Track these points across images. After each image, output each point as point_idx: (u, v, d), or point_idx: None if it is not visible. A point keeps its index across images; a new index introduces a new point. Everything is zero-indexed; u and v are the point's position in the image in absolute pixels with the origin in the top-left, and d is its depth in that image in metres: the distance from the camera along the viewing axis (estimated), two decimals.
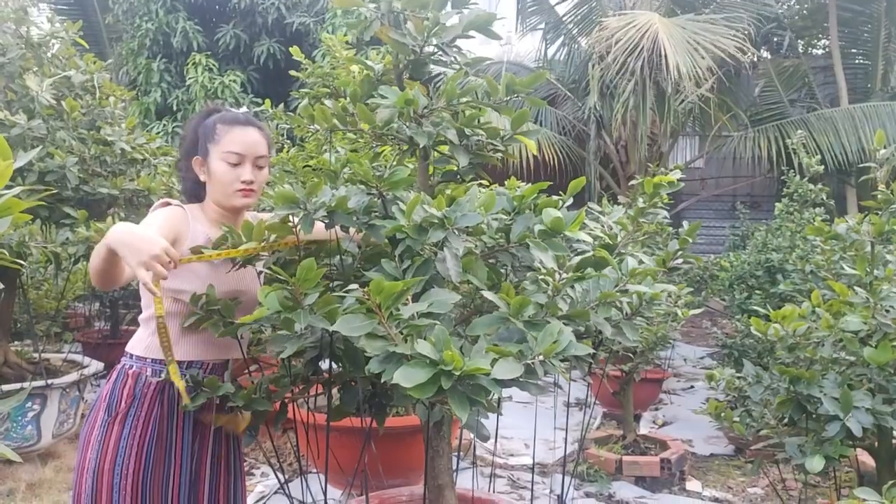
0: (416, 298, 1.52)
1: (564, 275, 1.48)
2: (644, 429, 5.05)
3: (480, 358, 1.29)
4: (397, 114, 1.72)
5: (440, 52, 1.73)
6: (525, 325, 1.44)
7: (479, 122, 1.82)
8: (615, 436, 4.45)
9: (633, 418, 4.44)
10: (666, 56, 7.19)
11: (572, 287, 1.58)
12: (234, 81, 8.70)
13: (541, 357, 1.33)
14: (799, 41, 11.16)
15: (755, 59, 9.92)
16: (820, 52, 11.67)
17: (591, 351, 1.40)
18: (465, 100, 1.77)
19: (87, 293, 6.36)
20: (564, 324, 1.46)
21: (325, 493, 2.13)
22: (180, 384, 1.77)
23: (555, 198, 1.77)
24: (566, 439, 3.28)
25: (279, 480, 2.35)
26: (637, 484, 4.00)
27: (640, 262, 1.75)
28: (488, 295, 1.46)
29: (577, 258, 1.51)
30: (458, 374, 1.25)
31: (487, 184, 2.40)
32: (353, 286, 1.39)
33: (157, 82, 9.05)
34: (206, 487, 1.95)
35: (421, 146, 1.72)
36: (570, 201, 1.88)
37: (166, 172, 3.79)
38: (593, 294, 1.56)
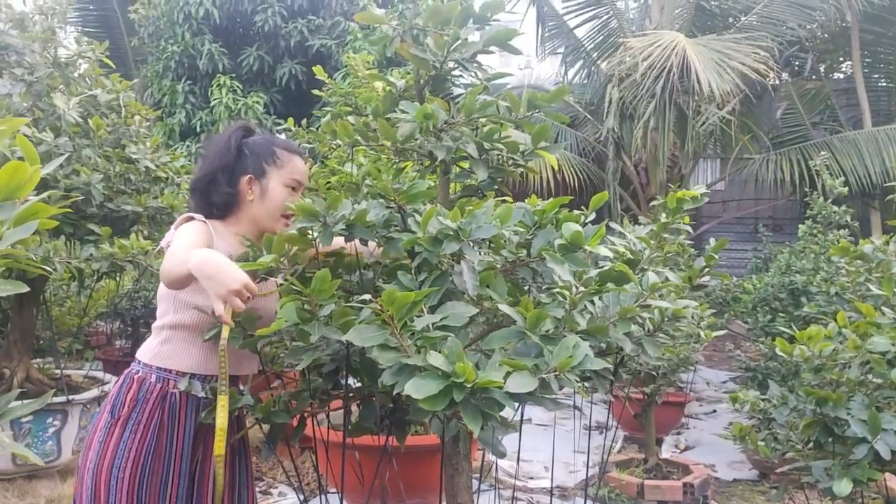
0: (432, 311, 1.52)
1: (582, 288, 1.46)
2: (666, 453, 4.97)
3: (494, 371, 1.28)
4: (418, 128, 1.72)
5: (461, 68, 1.74)
6: (542, 340, 1.42)
7: (498, 136, 1.82)
8: (636, 459, 4.39)
9: (654, 442, 4.37)
10: (697, 73, 7.14)
11: (592, 302, 1.57)
12: (258, 103, 8.81)
13: (556, 371, 1.31)
14: (821, 64, 11.10)
15: (777, 81, 9.88)
16: (842, 75, 11.60)
17: (609, 366, 1.38)
18: (486, 114, 1.77)
19: (109, 311, 6.42)
20: (583, 339, 1.44)
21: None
22: (224, 418, 1.71)
23: (576, 212, 1.76)
24: (587, 462, 3.24)
25: (299, 500, 2.33)
26: None
27: (666, 279, 1.73)
28: (505, 308, 1.45)
29: (595, 271, 1.50)
30: (469, 386, 1.24)
31: (509, 201, 2.40)
32: (367, 296, 1.38)
33: (181, 104, 9.18)
34: (209, 496, 1.93)
35: (440, 160, 1.72)
36: (593, 216, 1.86)
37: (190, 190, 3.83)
38: (613, 309, 1.55)
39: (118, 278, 5.14)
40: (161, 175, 3.82)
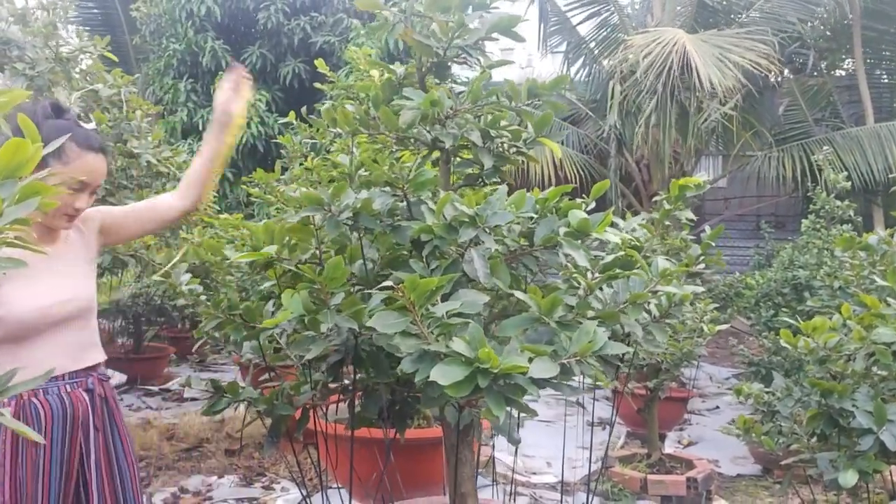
0: (444, 300, 1.51)
1: (598, 274, 1.46)
2: (669, 449, 4.96)
3: (517, 356, 1.27)
4: (420, 116, 1.71)
5: (464, 54, 1.73)
6: (557, 326, 1.42)
7: (499, 125, 1.81)
8: (639, 454, 4.37)
9: (657, 437, 4.36)
10: (697, 69, 7.13)
11: (601, 289, 1.56)
12: (260, 100, 8.81)
13: (576, 357, 1.31)
14: (822, 61, 11.09)
15: (779, 78, 9.86)
16: (843, 72, 11.59)
17: (628, 350, 1.37)
18: (489, 101, 1.76)
19: (111, 308, 6.42)
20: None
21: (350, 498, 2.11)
22: None
23: (578, 201, 1.75)
24: (591, 458, 3.22)
25: (301, 495, 2.33)
26: (663, 503, 3.92)
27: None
28: (520, 295, 1.44)
29: (610, 257, 1.50)
30: (495, 372, 1.23)
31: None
32: (387, 283, 1.37)
33: (183, 101, 9.17)
34: (94, 490, 1.85)
35: (447, 147, 1.71)
36: (593, 205, 1.86)
37: None
38: (622, 296, 1.53)
39: (120, 275, 5.13)
40: (163, 170, 3.81)
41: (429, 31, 1.71)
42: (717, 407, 6.48)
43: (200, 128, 9.02)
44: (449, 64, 1.78)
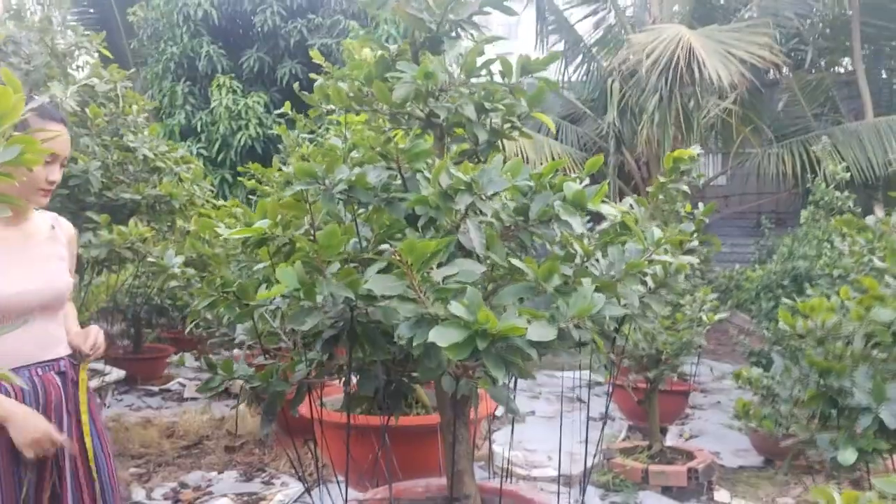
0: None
1: (594, 241, 1.45)
2: (670, 442, 4.94)
3: (515, 319, 1.26)
4: (414, 91, 1.70)
5: (458, 28, 1.72)
6: (554, 292, 1.41)
7: (492, 100, 1.80)
8: (641, 447, 4.36)
9: (658, 428, 4.34)
10: (703, 63, 7.13)
11: (597, 260, 1.55)
12: (258, 103, 8.83)
13: (574, 320, 1.30)
14: (821, 58, 11.10)
15: (778, 74, 9.86)
16: (842, 69, 11.59)
17: (625, 313, 1.37)
18: (482, 79, 1.76)
19: (110, 307, 6.41)
20: None
21: (346, 484, 2.10)
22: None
23: (573, 175, 1.74)
24: (586, 450, 3.21)
25: (304, 487, 2.31)
26: (664, 494, 3.90)
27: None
28: (516, 262, 1.44)
29: (605, 224, 1.49)
30: (493, 334, 1.22)
31: None
32: (385, 247, 1.37)
33: (181, 104, 9.19)
34: (68, 475, 1.83)
35: (441, 120, 1.70)
36: (587, 181, 1.85)
37: (188, 179, 3.82)
38: (619, 266, 1.52)
39: (117, 270, 5.12)
40: (160, 165, 3.81)
41: (422, 4, 1.71)
42: (719, 402, 6.45)
43: (199, 130, 9.04)
44: (442, 39, 1.78)
